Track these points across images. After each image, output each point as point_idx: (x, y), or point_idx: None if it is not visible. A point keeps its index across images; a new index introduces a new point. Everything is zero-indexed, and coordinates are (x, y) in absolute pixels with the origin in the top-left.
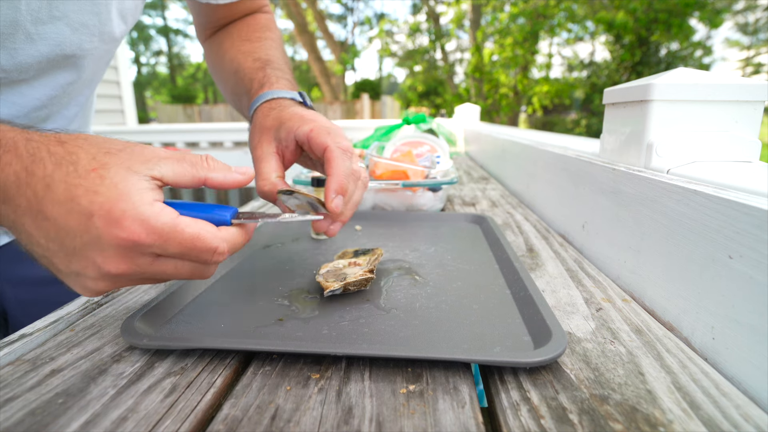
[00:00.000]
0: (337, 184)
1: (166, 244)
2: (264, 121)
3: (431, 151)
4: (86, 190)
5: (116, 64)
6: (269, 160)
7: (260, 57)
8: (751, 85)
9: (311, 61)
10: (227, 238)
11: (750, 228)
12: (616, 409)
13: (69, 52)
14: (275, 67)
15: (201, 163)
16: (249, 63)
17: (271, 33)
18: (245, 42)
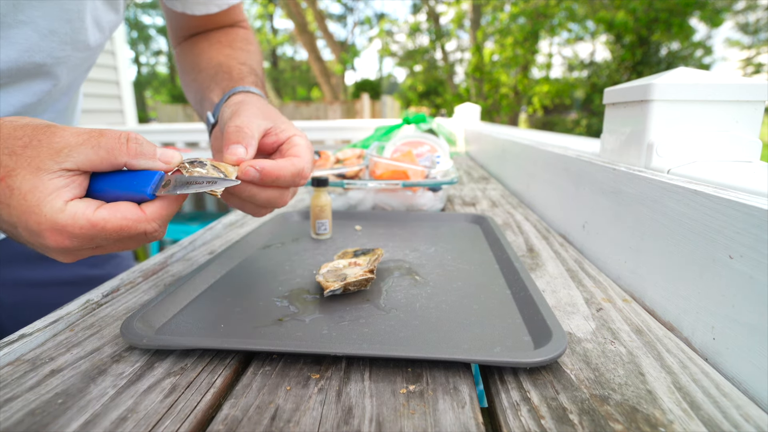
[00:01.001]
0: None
1: (93, 241)
2: (262, 102)
3: (431, 151)
4: (0, 203)
5: (116, 64)
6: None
7: (246, 63)
8: (751, 85)
9: (311, 61)
10: (154, 217)
11: (750, 228)
12: (617, 409)
13: (39, 60)
14: (260, 82)
15: (119, 148)
16: (235, 64)
17: (252, 47)
18: (226, 47)
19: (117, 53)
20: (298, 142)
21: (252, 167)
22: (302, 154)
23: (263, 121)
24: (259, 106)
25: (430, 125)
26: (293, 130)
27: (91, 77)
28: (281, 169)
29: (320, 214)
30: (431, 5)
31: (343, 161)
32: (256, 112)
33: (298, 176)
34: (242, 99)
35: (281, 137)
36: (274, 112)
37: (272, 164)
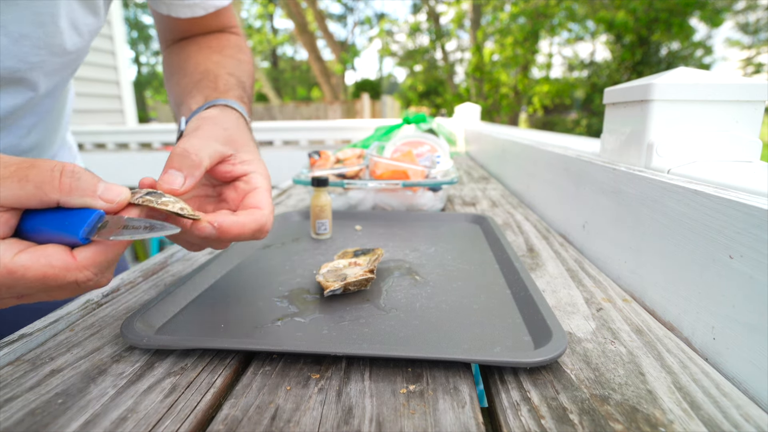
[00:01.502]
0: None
1: (12, 290)
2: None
3: (431, 151)
4: None
5: (116, 64)
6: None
7: (235, 74)
8: (751, 85)
9: (311, 61)
10: (86, 264)
11: (750, 228)
12: (617, 409)
13: (11, 65)
14: (247, 97)
15: (51, 182)
16: (222, 73)
17: (243, 55)
18: (216, 53)
19: (117, 53)
20: (258, 184)
21: (210, 224)
22: (264, 205)
23: (222, 146)
24: (228, 127)
25: (430, 125)
26: (255, 166)
27: (91, 77)
28: (242, 227)
29: (320, 214)
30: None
31: (343, 161)
32: (218, 133)
33: (259, 232)
34: (214, 115)
35: (237, 170)
36: (243, 138)
37: (232, 222)
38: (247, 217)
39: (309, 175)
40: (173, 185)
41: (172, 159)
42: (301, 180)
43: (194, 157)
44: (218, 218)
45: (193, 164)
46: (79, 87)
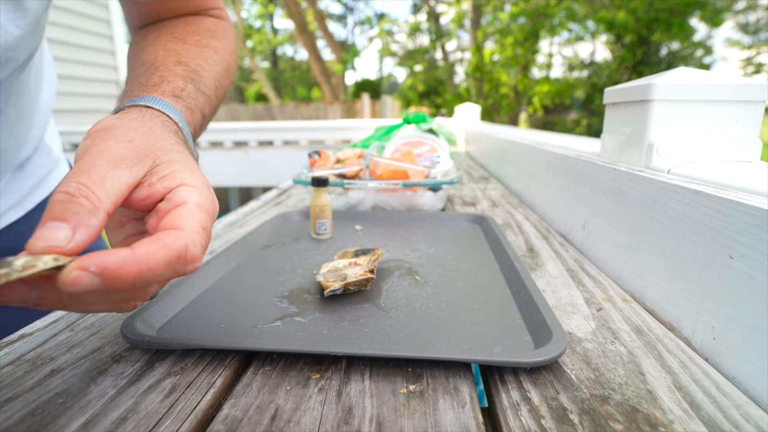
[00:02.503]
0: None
1: None
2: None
3: (431, 151)
4: None
5: (115, 64)
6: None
7: (187, 63)
8: (751, 85)
9: (311, 61)
10: None
11: (750, 228)
12: (617, 409)
13: None
14: (200, 88)
15: None
16: (168, 62)
17: (216, 41)
18: (176, 40)
19: (116, 53)
20: (183, 199)
21: (83, 270)
22: (184, 223)
23: (129, 168)
24: (133, 138)
25: (430, 125)
26: (181, 176)
27: (90, 77)
28: (144, 261)
29: (320, 214)
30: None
31: (343, 161)
32: (118, 151)
33: (179, 262)
34: (109, 125)
35: (158, 190)
36: (161, 144)
37: (122, 259)
38: (152, 246)
39: (309, 175)
40: (54, 241)
41: (52, 207)
42: (301, 180)
43: (85, 201)
44: (96, 259)
45: (84, 210)
46: (76, 87)
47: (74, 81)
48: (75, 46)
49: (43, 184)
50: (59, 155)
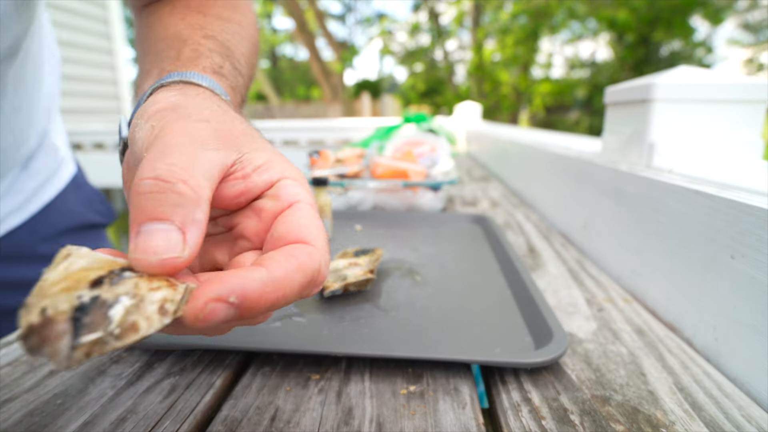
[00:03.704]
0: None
1: None
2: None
3: (432, 151)
4: None
5: (114, 63)
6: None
7: (215, 36)
8: (753, 85)
9: (311, 61)
10: None
11: (752, 228)
12: (618, 410)
13: None
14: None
15: None
16: (195, 36)
17: (238, 14)
18: (195, 13)
19: (115, 52)
20: (294, 196)
21: (220, 302)
22: (312, 235)
23: (216, 151)
24: (209, 117)
25: (430, 125)
26: (280, 168)
27: (88, 77)
28: (282, 286)
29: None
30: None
31: (343, 161)
32: (200, 132)
33: (312, 286)
34: (175, 103)
35: (255, 182)
36: (241, 129)
37: (262, 286)
38: (289, 267)
39: (309, 174)
40: (167, 252)
41: (142, 202)
42: None
43: (184, 186)
44: (233, 285)
45: (187, 200)
46: (74, 86)
47: (72, 80)
48: (72, 45)
49: (48, 184)
50: (65, 155)
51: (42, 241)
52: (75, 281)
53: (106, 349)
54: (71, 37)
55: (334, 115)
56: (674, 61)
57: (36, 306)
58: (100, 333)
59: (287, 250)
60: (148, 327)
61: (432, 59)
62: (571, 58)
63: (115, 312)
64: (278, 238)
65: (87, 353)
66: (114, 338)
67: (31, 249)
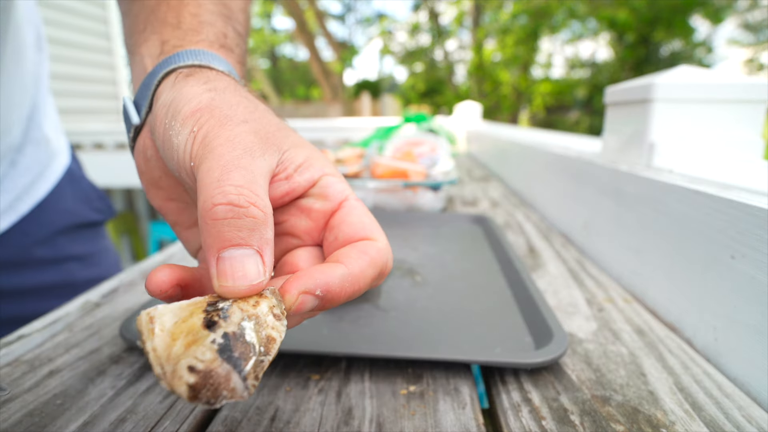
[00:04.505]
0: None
1: None
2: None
3: (432, 151)
4: None
5: (112, 63)
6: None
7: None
8: (753, 85)
9: (311, 61)
10: None
11: (752, 228)
12: (618, 410)
13: None
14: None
15: None
16: None
17: None
18: None
19: (115, 52)
20: (342, 192)
21: (308, 294)
22: (373, 230)
23: (262, 157)
24: (244, 115)
25: (430, 124)
26: (320, 165)
27: (88, 77)
28: (358, 279)
29: None
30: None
31: (343, 161)
32: (243, 136)
33: (380, 278)
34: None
35: (299, 182)
36: (271, 120)
37: (342, 278)
38: (363, 263)
39: None
40: (253, 277)
41: (220, 228)
42: None
43: (255, 209)
44: (318, 279)
45: (259, 223)
46: (74, 86)
47: (71, 80)
48: (71, 44)
49: (40, 180)
50: (58, 146)
51: (37, 243)
52: (190, 333)
53: (265, 365)
54: (71, 36)
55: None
56: (674, 61)
57: (171, 370)
58: (255, 357)
59: (359, 246)
60: (279, 334)
61: (432, 59)
62: (571, 58)
63: (250, 336)
64: (344, 240)
65: (256, 377)
66: (264, 355)
67: (25, 253)
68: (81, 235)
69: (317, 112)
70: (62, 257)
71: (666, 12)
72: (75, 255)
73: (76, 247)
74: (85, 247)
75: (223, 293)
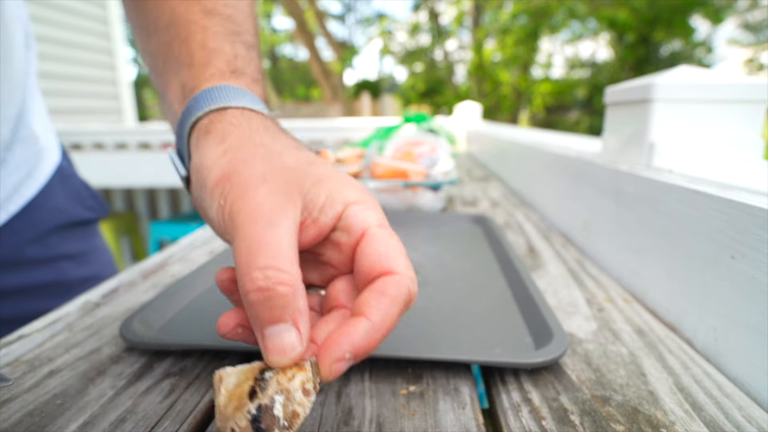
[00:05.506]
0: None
1: None
2: (273, 146)
3: (432, 151)
4: None
5: (113, 63)
6: (287, 230)
7: (216, 10)
8: (753, 85)
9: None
10: None
11: (752, 228)
12: (618, 410)
13: None
14: (246, 41)
15: None
16: (198, 21)
17: None
18: None
19: (115, 52)
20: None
21: (341, 362)
22: (395, 262)
23: (285, 216)
24: (263, 171)
25: (430, 124)
26: (343, 193)
27: (88, 77)
28: (381, 326)
29: None
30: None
31: (343, 161)
32: (265, 200)
33: (405, 308)
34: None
35: (325, 222)
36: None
37: (365, 336)
38: (384, 306)
39: None
40: (293, 349)
41: (257, 311)
42: None
43: (283, 287)
44: (344, 344)
45: (289, 299)
46: (74, 86)
47: (72, 80)
48: (71, 45)
49: (30, 179)
50: (46, 144)
51: (29, 243)
52: (238, 399)
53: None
54: (71, 37)
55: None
56: (674, 61)
57: (223, 427)
58: (277, 430)
59: (378, 288)
60: (303, 409)
61: (432, 59)
62: (571, 58)
63: (278, 411)
64: (366, 273)
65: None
66: (287, 429)
67: (17, 252)
68: (73, 233)
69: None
70: (55, 256)
71: (666, 12)
72: (67, 254)
73: (68, 245)
74: (77, 245)
75: (271, 364)
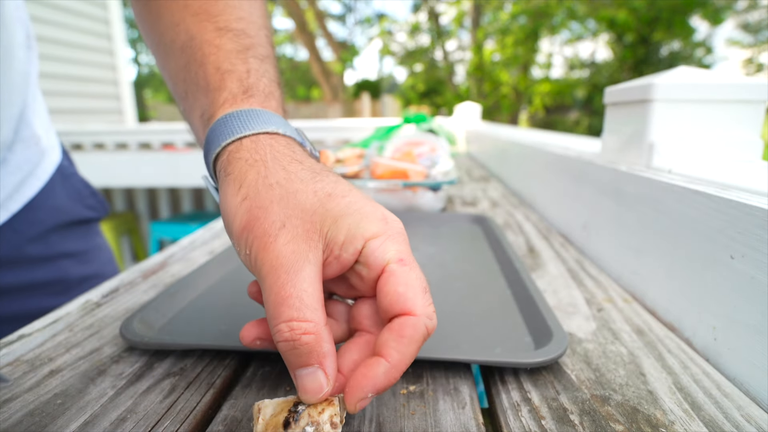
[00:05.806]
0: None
1: None
2: (289, 184)
3: (432, 151)
4: None
5: (114, 63)
6: (308, 276)
7: (229, 26)
8: (752, 85)
9: (311, 61)
10: None
11: (752, 228)
12: (617, 409)
13: None
14: (258, 54)
15: None
16: (210, 35)
17: None
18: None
19: (115, 52)
20: (382, 257)
21: (364, 401)
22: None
23: (307, 260)
24: (281, 215)
25: (430, 125)
26: (357, 228)
27: (88, 77)
28: (400, 366)
29: None
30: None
31: (343, 161)
32: (285, 247)
33: (424, 342)
34: (248, 216)
35: (346, 258)
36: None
37: (385, 376)
38: (401, 346)
39: None
40: (321, 388)
41: (287, 358)
42: None
43: (307, 337)
44: (366, 386)
45: (313, 345)
46: (75, 86)
47: (72, 81)
48: (72, 45)
49: (31, 178)
50: (48, 144)
51: (29, 241)
52: (274, 428)
53: None
54: (71, 37)
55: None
56: (674, 62)
57: None
58: None
59: (395, 328)
60: None
61: (432, 59)
62: (570, 58)
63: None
64: (385, 311)
65: None
66: None
67: (17, 251)
68: (74, 232)
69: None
70: (55, 255)
71: (666, 12)
72: (68, 252)
73: (69, 244)
74: (78, 244)
75: (304, 401)
